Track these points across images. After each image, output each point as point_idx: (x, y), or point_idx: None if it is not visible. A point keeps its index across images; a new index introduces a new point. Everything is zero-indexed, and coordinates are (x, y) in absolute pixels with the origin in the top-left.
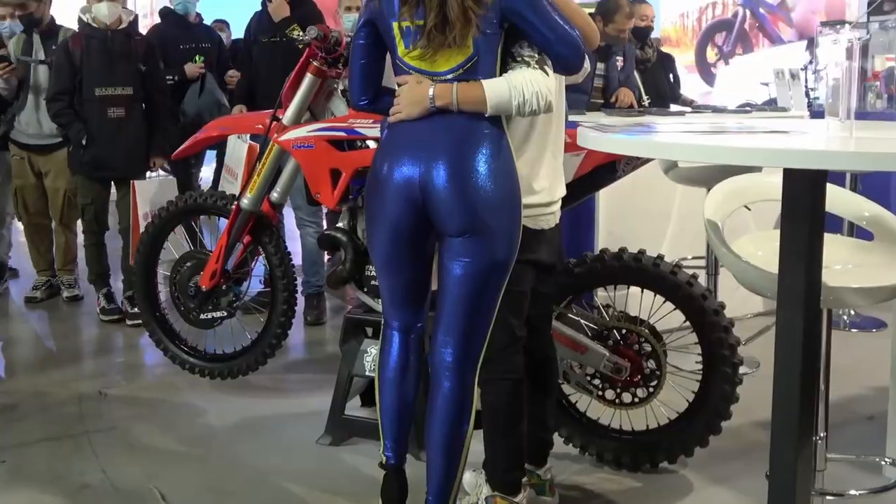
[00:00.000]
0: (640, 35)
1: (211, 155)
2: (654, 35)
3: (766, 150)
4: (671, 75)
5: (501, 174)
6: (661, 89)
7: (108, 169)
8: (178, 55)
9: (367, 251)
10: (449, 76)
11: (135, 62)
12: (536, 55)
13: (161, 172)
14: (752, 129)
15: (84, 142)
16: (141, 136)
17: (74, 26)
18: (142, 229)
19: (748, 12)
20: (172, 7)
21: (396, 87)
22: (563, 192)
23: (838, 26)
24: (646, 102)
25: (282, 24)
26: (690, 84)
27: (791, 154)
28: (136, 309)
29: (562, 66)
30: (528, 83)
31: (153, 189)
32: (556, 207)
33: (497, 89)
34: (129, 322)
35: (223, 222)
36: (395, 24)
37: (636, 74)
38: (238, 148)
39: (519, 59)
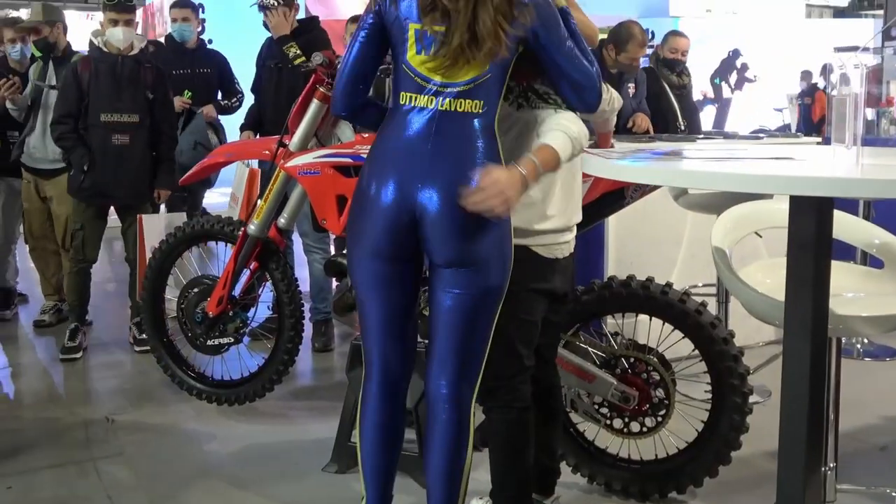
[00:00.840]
0: (670, 65)
1: (223, 180)
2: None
3: (770, 177)
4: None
5: None
6: (695, 115)
7: (107, 196)
8: (172, 81)
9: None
10: (455, 89)
11: (143, 90)
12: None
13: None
14: (757, 155)
15: (85, 167)
16: (144, 165)
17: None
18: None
19: None
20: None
21: (388, 90)
22: (578, 217)
23: (850, 52)
24: (682, 125)
25: (281, 41)
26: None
27: (795, 181)
28: (143, 335)
29: (575, 100)
30: (576, 129)
31: (161, 224)
32: (571, 236)
33: (563, 146)
34: (136, 349)
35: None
36: (411, 26)
37: (673, 100)
38: (241, 173)
39: (547, 97)
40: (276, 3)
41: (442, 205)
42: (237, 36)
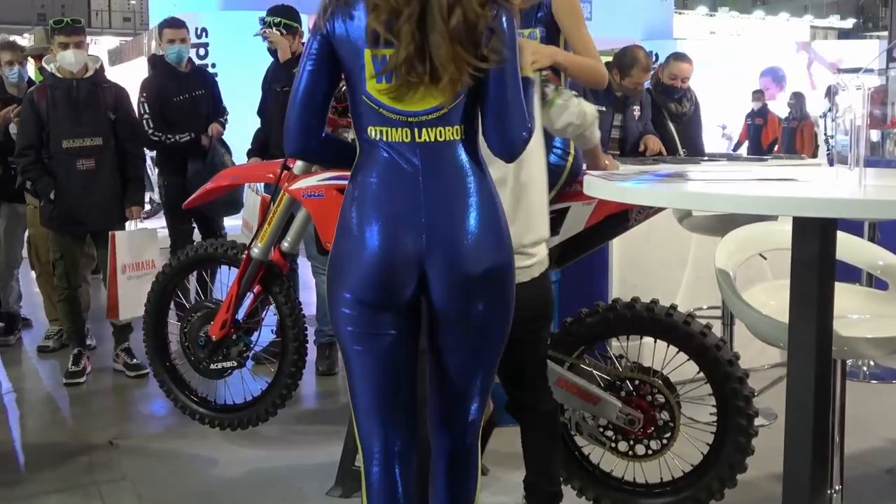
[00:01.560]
0: (668, 92)
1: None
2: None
3: (773, 198)
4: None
5: (503, 238)
6: (697, 142)
7: (78, 223)
8: (174, 108)
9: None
10: (427, 117)
11: (103, 111)
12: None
13: (139, 224)
14: (760, 177)
15: (52, 196)
16: (114, 187)
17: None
18: (120, 282)
19: None
20: (164, 56)
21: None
22: (541, 234)
23: (854, 74)
24: (682, 153)
25: (287, 65)
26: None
27: (797, 202)
28: (135, 360)
29: (498, 138)
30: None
31: (133, 241)
32: (535, 258)
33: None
34: (130, 374)
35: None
36: (367, 52)
37: (672, 127)
38: (253, 201)
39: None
40: (280, 30)
41: (448, 251)
42: (242, 59)
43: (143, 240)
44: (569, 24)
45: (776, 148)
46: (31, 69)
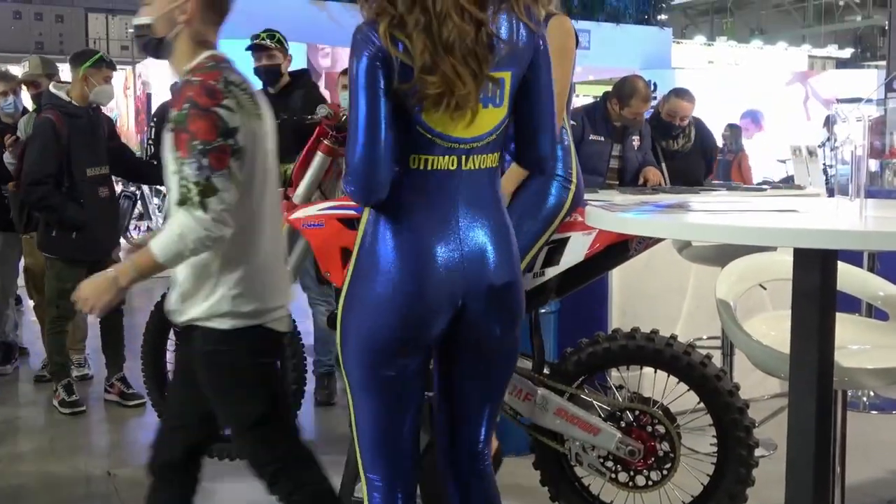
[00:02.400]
0: (665, 128)
1: None
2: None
3: (775, 230)
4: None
5: (518, 264)
6: (691, 178)
7: (98, 251)
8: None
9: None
10: (480, 143)
11: (106, 140)
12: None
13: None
14: (761, 208)
15: (80, 225)
16: (119, 213)
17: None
18: None
19: None
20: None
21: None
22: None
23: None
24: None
25: (284, 90)
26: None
27: (799, 233)
28: (131, 389)
29: (527, 159)
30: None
31: None
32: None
33: (165, 249)
34: (129, 404)
35: None
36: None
37: (663, 165)
38: None
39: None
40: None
41: (484, 282)
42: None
43: None
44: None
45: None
46: (24, 96)
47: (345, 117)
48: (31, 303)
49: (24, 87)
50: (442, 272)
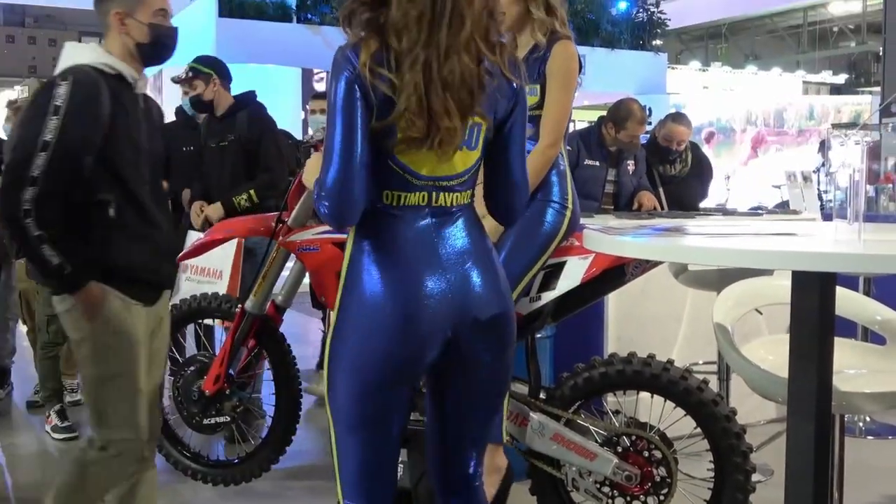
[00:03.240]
0: (661, 153)
1: None
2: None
3: (774, 253)
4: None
5: (507, 289)
6: (687, 203)
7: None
8: (179, 157)
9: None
10: (451, 182)
11: None
12: None
13: None
14: (759, 231)
15: None
16: None
17: None
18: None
19: None
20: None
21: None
22: None
23: (849, 129)
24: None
25: (225, 116)
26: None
27: (798, 256)
28: (66, 422)
29: (504, 208)
30: None
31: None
32: None
33: None
34: (55, 436)
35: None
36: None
37: (660, 190)
38: (222, 252)
39: None
40: (210, 73)
41: (472, 308)
42: None
43: (225, 250)
44: (552, 85)
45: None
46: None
47: (318, 137)
48: (24, 328)
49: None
50: (430, 304)
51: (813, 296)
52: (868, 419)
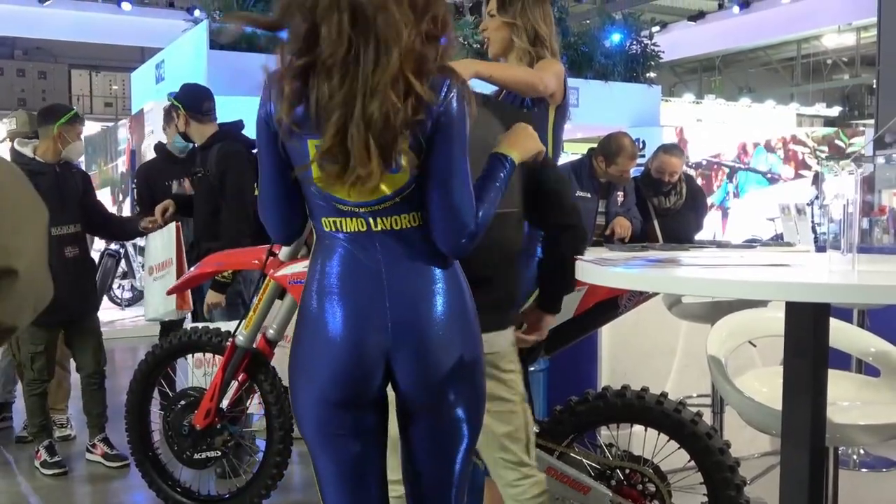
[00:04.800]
0: (654, 186)
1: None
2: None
3: (767, 283)
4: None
5: (469, 326)
6: (683, 236)
7: (69, 313)
8: (161, 192)
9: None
10: (380, 206)
11: (77, 197)
12: None
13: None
14: (753, 262)
15: None
16: (93, 273)
17: None
18: (147, 283)
19: None
20: (170, 143)
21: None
22: None
23: (841, 161)
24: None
25: (203, 148)
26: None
27: (792, 287)
28: (115, 450)
29: (444, 234)
30: None
31: (156, 242)
32: None
33: None
34: (109, 464)
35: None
36: (311, 142)
37: (655, 222)
38: (156, 240)
39: None
40: (178, 106)
41: (414, 342)
42: None
43: (164, 239)
44: None
45: None
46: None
47: None
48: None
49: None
50: (366, 331)
51: (807, 327)
52: (863, 451)
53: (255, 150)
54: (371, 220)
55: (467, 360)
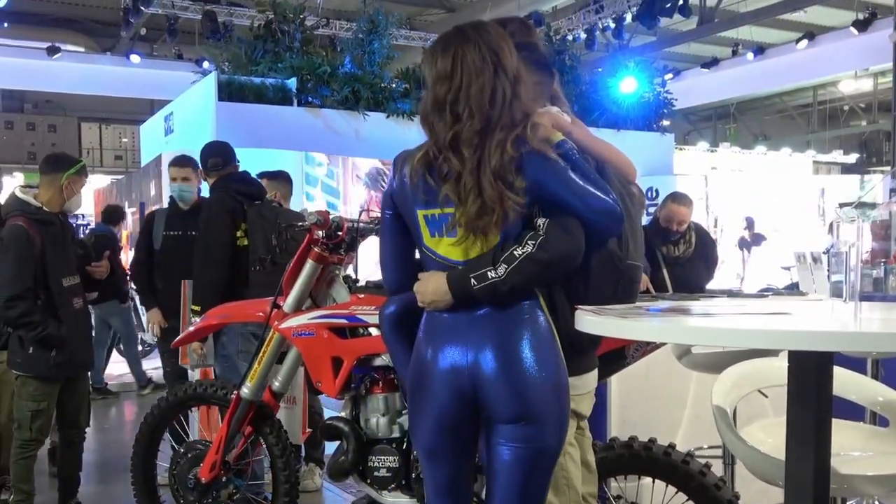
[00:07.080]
0: (663, 235)
1: None
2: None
3: (762, 332)
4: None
5: (549, 359)
6: (693, 285)
7: (78, 366)
8: (166, 241)
9: (373, 441)
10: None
11: (75, 248)
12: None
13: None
14: (754, 311)
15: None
16: (91, 325)
17: None
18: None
19: None
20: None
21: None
22: None
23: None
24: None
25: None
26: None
27: (789, 335)
28: None
29: (598, 233)
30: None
31: None
32: None
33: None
34: None
35: None
36: (419, 213)
37: (665, 271)
38: None
39: None
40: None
41: (499, 363)
42: None
43: None
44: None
45: None
46: None
47: (335, 224)
48: None
49: None
50: (453, 353)
51: (809, 375)
52: (876, 503)
53: (244, 198)
54: None
55: (551, 386)
